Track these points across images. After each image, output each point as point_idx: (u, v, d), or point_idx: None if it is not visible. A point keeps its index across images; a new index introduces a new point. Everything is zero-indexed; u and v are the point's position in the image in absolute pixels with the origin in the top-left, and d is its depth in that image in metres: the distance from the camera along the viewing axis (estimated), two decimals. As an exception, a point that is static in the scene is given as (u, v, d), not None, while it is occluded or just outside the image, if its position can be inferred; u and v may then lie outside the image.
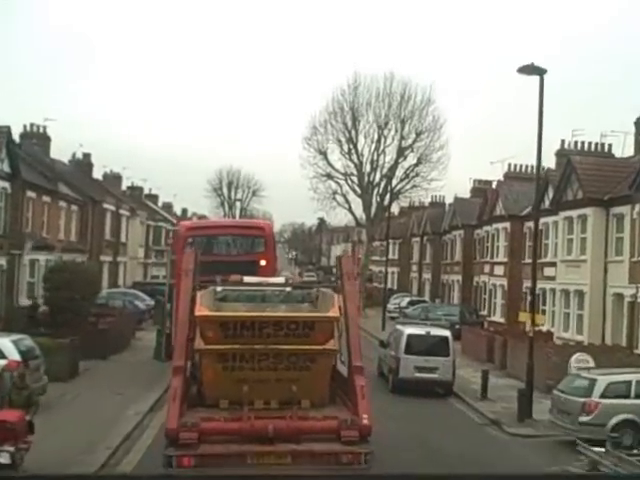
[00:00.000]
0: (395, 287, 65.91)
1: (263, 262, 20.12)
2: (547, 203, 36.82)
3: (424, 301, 52.61)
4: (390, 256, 74.26)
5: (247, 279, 13.27)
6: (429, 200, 65.99)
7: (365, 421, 10.88)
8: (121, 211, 53.18)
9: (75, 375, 21.97)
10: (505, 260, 41.56)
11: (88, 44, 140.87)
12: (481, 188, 56.87)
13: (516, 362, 26.24)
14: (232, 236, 22.35)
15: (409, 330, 22.50)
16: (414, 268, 66.53)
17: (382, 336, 41.01)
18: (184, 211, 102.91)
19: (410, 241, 67.23)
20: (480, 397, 21.41)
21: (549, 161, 42.91)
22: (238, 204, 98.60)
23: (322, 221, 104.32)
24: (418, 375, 21.56)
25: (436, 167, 53.91)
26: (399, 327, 23.87)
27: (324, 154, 54.82)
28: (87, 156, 54.83)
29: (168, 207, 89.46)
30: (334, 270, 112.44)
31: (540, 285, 37.36)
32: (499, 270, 42.36)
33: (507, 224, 41.33)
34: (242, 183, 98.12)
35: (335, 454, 10.79)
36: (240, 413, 11.15)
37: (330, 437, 10.96)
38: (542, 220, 37.67)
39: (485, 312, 43.92)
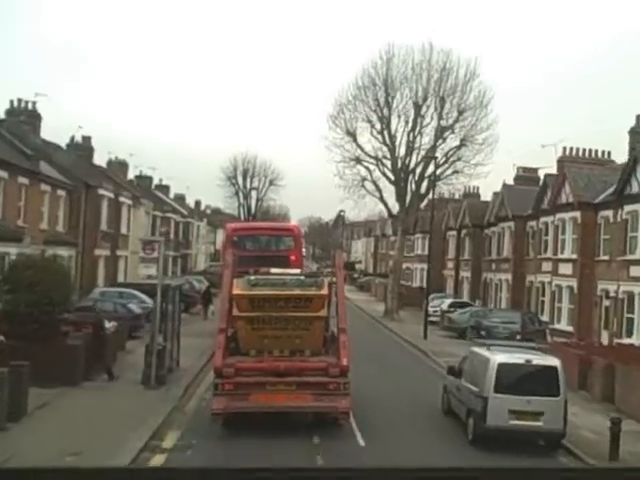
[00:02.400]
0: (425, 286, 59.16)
1: (293, 257, 22.93)
2: (635, 187, 29.97)
3: (468, 304, 45.66)
4: (419, 251, 67.56)
5: (273, 270, 17.93)
6: (462, 191, 59.54)
7: (344, 363, 15.71)
8: (121, 199, 46.65)
9: (21, 417, 15.31)
10: (574, 257, 34.65)
11: (92, 34, 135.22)
12: (527, 176, 50.53)
13: (629, 394, 19.44)
14: (268, 236, 25.83)
15: (499, 357, 15.36)
16: (449, 265, 59.74)
17: (425, 346, 34.25)
18: (197, 203, 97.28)
19: (445, 235, 60.43)
20: (608, 457, 14.56)
21: (610, 145, 36.20)
22: (254, 194, 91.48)
23: (342, 214, 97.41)
24: (515, 423, 14.71)
25: (481, 150, 46.90)
26: (479, 351, 16.72)
27: (353, 135, 48.10)
28: (87, 139, 48.73)
29: (180, 199, 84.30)
30: (355, 266, 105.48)
31: (624, 288, 30.55)
32: (565, 269, 35.43)
33: (577, 214, 34.39)
34: (258, 172, 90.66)
35: (324, 383, 15.74)
36: (263, 358, 16.41)
37: (321, 373, 15.91)
38: (627, 208, 30.86)
39: (546, 318, 37.05)
